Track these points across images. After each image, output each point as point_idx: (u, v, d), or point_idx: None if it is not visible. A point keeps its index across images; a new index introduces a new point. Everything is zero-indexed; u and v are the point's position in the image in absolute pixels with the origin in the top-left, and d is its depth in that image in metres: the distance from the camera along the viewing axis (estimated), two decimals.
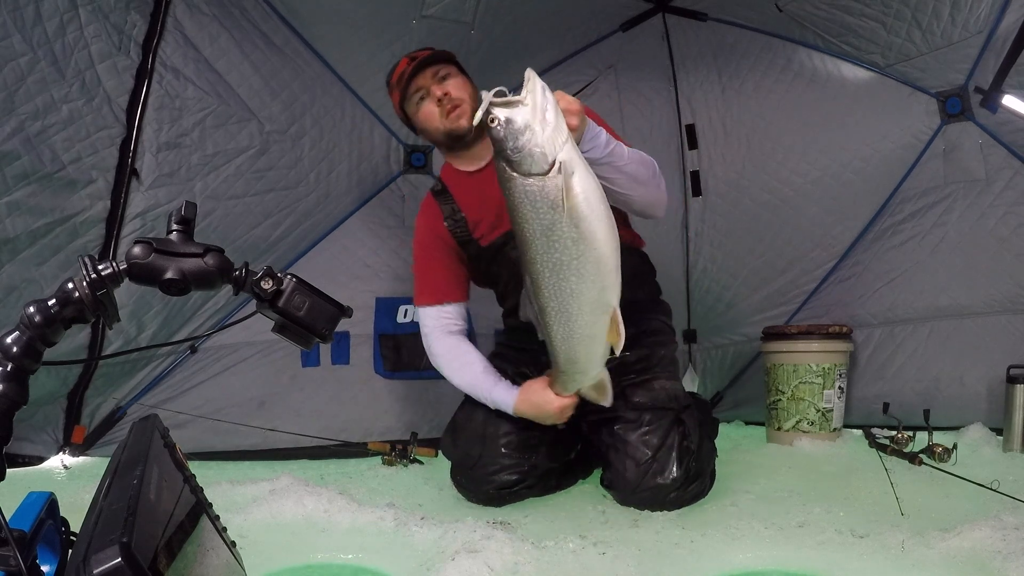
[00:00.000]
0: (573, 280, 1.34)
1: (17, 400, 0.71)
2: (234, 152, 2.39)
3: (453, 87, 1.81)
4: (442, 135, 1.84)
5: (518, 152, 1.23)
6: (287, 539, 1.54)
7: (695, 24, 2.91)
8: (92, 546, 0.51)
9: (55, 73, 1.91)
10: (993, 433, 2.37)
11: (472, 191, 1.88)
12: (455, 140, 1.85)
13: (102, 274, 0.76)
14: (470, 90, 1.83)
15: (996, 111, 2.44)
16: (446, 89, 1.80)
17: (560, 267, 1.32)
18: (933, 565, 1.29)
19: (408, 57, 1.86)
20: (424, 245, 1.97)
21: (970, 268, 2.60)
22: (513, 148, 1.24)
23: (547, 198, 1.25)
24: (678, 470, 1.71)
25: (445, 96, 1.79)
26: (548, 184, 1.24)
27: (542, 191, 1.25)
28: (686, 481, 1.72)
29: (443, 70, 1.83)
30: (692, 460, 1.74)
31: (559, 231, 1.28)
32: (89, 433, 2.43)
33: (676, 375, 1.93)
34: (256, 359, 2.62)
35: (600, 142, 1.48)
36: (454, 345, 1.93)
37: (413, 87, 1.82)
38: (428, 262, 1.96)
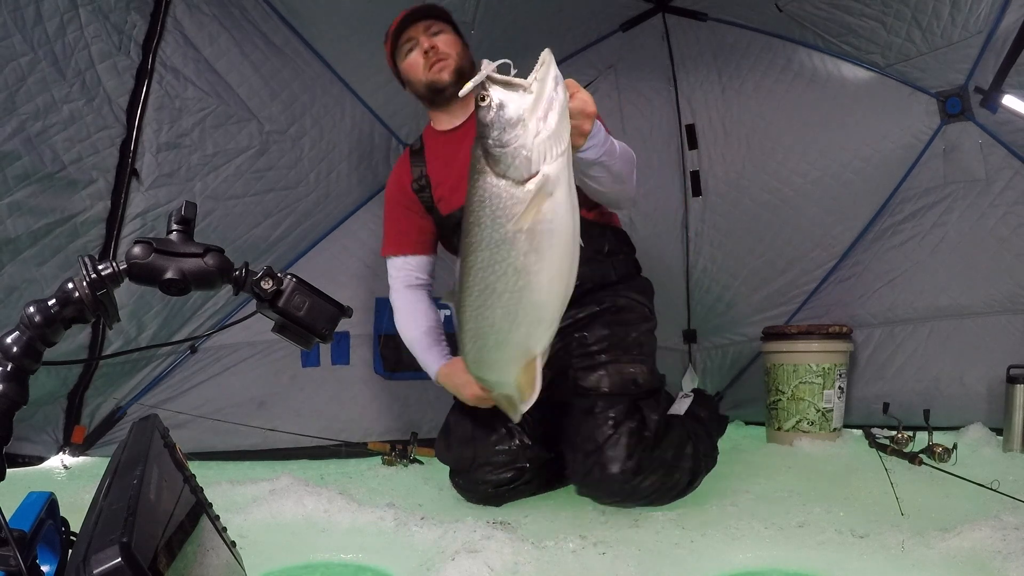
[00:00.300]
0: (499, 314, 1.13)
1: (17, 400, 0.71)
2: (234, 152, 2.39)
3: (442, 42, 1.82)
4: (423, 87, 1.84)
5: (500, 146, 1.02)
6: (287, 539, 1.54)
7: (695, 24, 2.91)
8: (92, 546, 0.51)
9: (55, 73, 1.91)
10: (993, 433, 2.37)
11: (441, 150, 1.88)
12: (435, 93, 1.84)
13: (102, 274, 0.76)
14: (459, 49, 1.84)
15: (996, 111, 2.44)
16: (435, 43, 1.81)
17: (491, 293, 1.10)
18: (933, 565, 1.29)
19: (404, 12, 1.87)
20: (393, 199, 2.00)
21: (970, 268, 2.60)
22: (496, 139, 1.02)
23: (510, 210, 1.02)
24: (626, 461, 1.60)
25: (432, 49, 1.80)
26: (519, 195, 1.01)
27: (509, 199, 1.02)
28: (637, 473, 1.61)
29: (436, 26, 1.84)
30: (645, 450, 1.62)
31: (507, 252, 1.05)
32: (89, 433, 2.43)
33: (643, 357, 1.78)
34: (256, 359, 2.62)
35: (599, 140, 1.36)
36: (411, 299, 1.97)
37: (404, 38, 1.84)
38: (396, 214, 1.99)
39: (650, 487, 1.66)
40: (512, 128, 1.01)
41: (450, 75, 1.80)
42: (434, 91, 1.84)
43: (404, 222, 1.98)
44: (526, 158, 1.01)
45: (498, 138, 1.02)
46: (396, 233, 2.00)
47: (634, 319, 1.85)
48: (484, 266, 1.08)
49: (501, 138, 1.02)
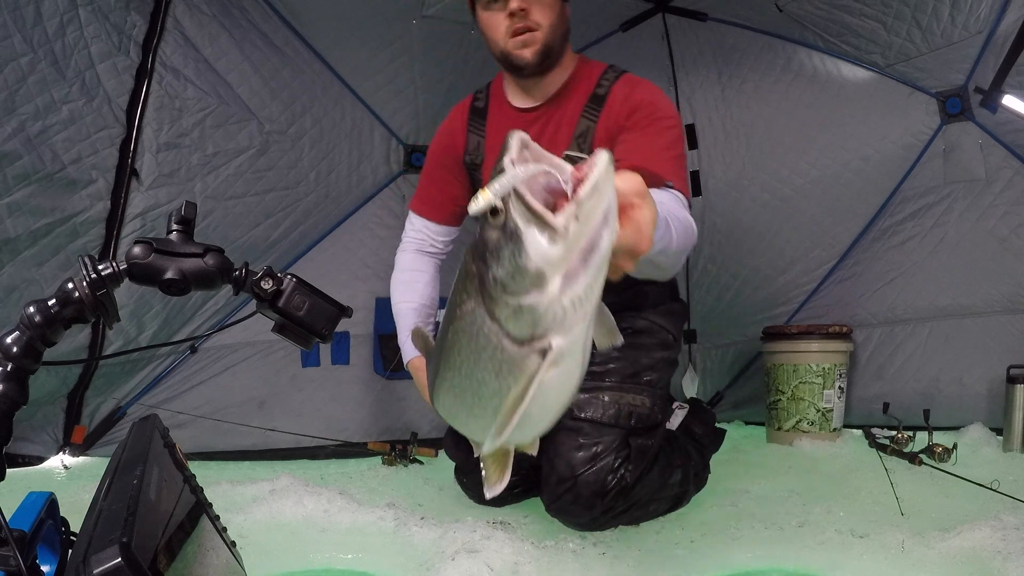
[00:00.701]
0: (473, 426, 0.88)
1: (17, 400, 0.71)
2: (234, 152, 2.39)
3: (537, 5, 1.49)
4: (499, 54, 1.58)
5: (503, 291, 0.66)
6: (287, 539, 1.54)
7: (695, 24, 2.91)
8: (92, 546, 0.51)
9: (55, 73, 1.91)
10: (993, 433, 2.37)
11: (507, 124, 1.63)
12: (511, 68, 1.59)
13: (102, 274, 0.76)
14: (554, 16, 1.51)
15: (996, 111, 2.44)
16: (526, 4, 1.47)
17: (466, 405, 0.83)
18: (933, 565, 1.29)
19: None
20: (438, 161, 1.82)
21: (970, 268, 2.60)
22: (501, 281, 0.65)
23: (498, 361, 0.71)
24: (597, 498, 1.51)
25: (521, 12, 1.48)
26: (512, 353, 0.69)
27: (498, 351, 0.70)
28: (606, 512, 1.54)
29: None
30: (620, 493, 1.53)
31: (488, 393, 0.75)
32: (89, 433, 2.43)
33: (650, 388, 1.65)
34: (256, 359, 2.62)
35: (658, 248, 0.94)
36: (416, 267, 1.85)
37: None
38: (436, 175, 1.83)
39: (621, 521, 1.59)
40: (524, 278, 0.64)
41: (533, 55, 1.53)
42: (510, 66, 1.58)
43: (443, 188, 1.81)
44: (533, 322, 0.66)
45: (503, 280, 0.65)
46: (429, 195, 1.84)
47: (651, 344, 1.72)
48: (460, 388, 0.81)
49: (507, 283, 0.65)
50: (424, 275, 1.85)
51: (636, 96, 1.55)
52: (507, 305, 0.67)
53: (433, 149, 1.86)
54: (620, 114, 1.54)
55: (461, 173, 1.80)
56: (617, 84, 1.59)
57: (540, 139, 1.33)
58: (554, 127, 1.64)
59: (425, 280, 1.85)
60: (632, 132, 1.50)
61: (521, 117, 1.66)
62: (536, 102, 1.66)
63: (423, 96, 2.74)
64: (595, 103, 1.58)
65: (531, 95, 1.66)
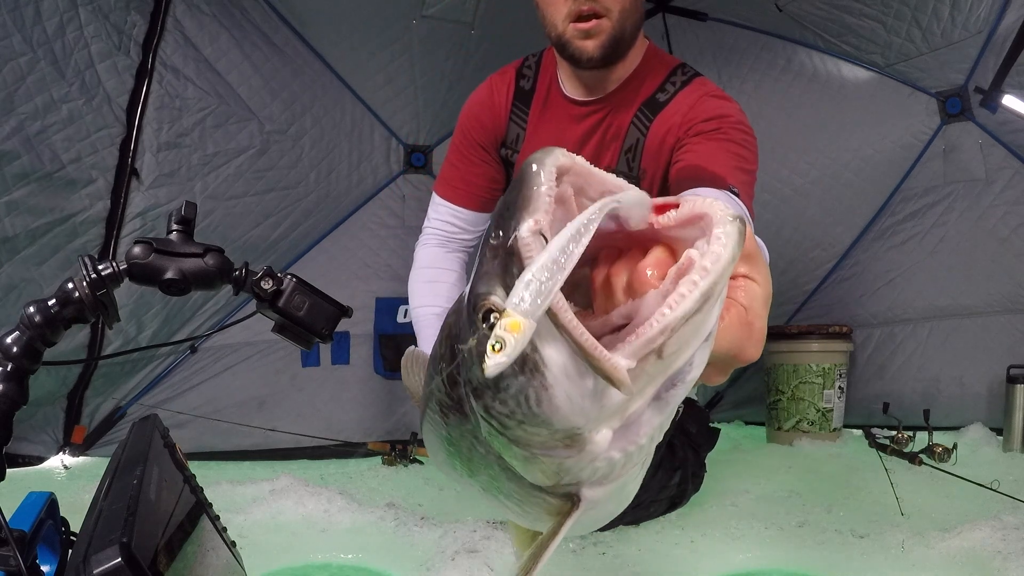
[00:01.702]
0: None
1: (17, 400, 0.71)
2: (234, 152, 2.39)
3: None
4: (556, 38, 1.30)
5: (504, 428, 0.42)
6: (287, 539, 1.54)
7: (695, 24, 2.90)
8: (92, 546, 0.51)
9: (55, 73, 1.91)
10: (993, 433, 2.37)
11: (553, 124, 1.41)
12: (566, 57, 1.32)
13: (102, 274, 0.76)
14: (627, 1, 1.24)
15: (996, 111, 2.44)
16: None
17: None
18: (933, 565, 1.29)
19: None
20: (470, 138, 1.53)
21: (970, 268, 2.60)
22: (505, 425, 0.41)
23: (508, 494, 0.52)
24: None
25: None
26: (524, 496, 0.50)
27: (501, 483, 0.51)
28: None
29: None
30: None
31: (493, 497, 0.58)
32: (89, 433, 2.42)
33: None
34: (256, 359, 2.62)
35: None
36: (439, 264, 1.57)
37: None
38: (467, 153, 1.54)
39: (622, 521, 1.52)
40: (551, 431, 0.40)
41: (597, 49, 1.26)
42: (567, 55, 1.31)
43: (475, 168, 1.53)
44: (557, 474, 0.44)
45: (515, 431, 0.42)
46: (459, 175, 1.55)
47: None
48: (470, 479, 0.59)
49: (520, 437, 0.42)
50: (449, 274, 1.57)
51: (705, 105, 1.32)
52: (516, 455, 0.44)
53: (466, 123, 1.54)
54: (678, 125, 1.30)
55: (495, 159, 1.54)
56: (684, 91, 1.35)
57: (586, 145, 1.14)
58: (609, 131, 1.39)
59: (451, 280, 1.56)
60: (699, 139, 1.27)
61: (572, 111, 1.41)
62: (588, 97, 1.40)
63: (423, 96, 2.74)
64: (650, 110, 1.34)
65: (587, 87, 1.39)
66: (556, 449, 0.40)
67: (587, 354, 0.34)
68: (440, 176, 1.59)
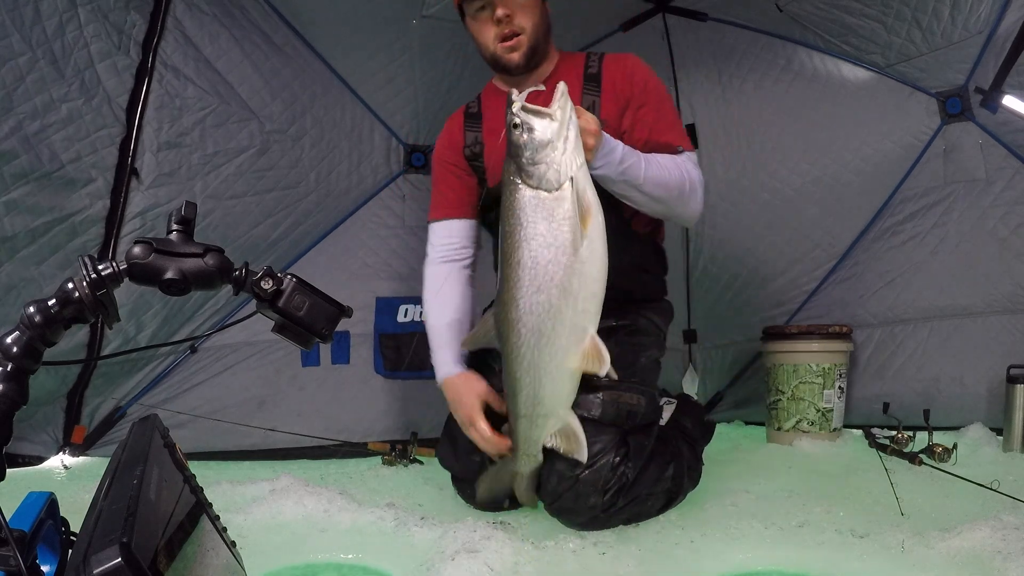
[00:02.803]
0: (556, 293, 1.27)
1: (17, 400, 0.71)
2: (234, 151, 2.39)
3: (520, 12, 1.62)
4: (489, 58, 1.72)
5: (533, 164, 1.24)
6: (287, 539, 1.54)
7: (695, 24, 2.90)
8: (92, 546, 0.51)
9: (54, 72, 1.91)
10: (993, 433, 2.37)
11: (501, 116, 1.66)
12: (500, 69, 1.74)
13: (102, 274, 0.76)
14: (536, 18, 1.66)
15: (996, 111, 2.44)
16: (510, 10, 1.61)
17: (545, 282, 1.26)
18: (933, 565, 1.29)
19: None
20: (441, 160, 1.88)
21: (970, 268, 2.60)
22: (529, 159, 1.24)
23: (552, 213, 1.24)
24: (598, 497, 1.53)
25: (506, 18, 1.61)
26: (557, 201, 1.24)
27: (550, 206, 1.24)
28: (608, 509, 1.54)
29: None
30: (622, 488, 1.55)
31: (555, 246, 1.25)
32: (89, 433, 2.43)
33: (644, 388, 1.69)
34: (256, 359, 2.62)
35: (613, 159, 1.44)
36: (443, 278, 1.83)
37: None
38: (443, 174, 1.87)
39: (620, 518, 1.59)
40: (543, 148, 1.23)
41: (520, 57, 1.66)
42: (500, 67, 1.72)
43: (452, 182, 1.84)
44: (556, 171, 1.24)
45: (531, 158, 1.24)
46: (440, 195, 1.86)
47: (647, 344, 1.78)
48: (534, 256, 1.26)
49: (535, 157, 1.24)
50: (455, 286, 1.82)
51: (636, 73, 1.73)
52: (537, 170, 1.21)
53: (436, 156, 1.91)
54: (625, 88, 1.71)
55: (466, 169, 1.85)
56: (605, 63, 1.75)
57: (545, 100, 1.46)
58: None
59: (457, 292, 1.81)
60: (646, 108, 1.70)
61: None
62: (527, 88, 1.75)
63: (423, 96, 2.74)
64: (592, 81, 1.73)
65: (520, 84, 1.69)
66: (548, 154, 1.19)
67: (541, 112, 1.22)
68: (430, 208, 1.90)
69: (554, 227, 1.24)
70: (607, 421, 1.59)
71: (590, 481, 1.54)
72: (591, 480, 1.54)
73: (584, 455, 1.49)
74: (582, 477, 1.54)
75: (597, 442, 1.56)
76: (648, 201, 1.57)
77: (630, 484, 1.56)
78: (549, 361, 1.33)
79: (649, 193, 1.54)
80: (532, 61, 1.70)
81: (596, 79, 1.73)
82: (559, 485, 1.56)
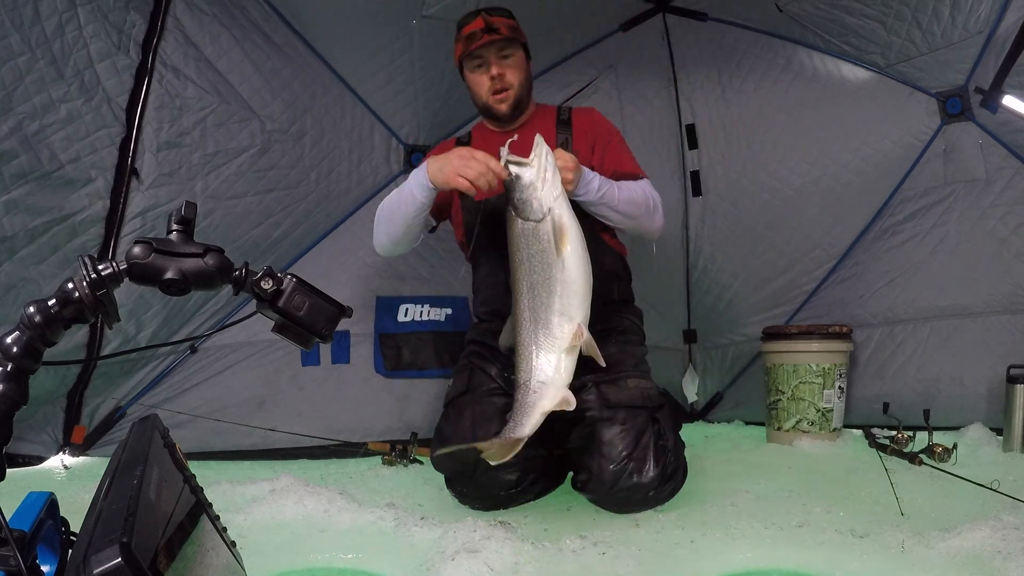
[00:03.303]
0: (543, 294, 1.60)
1: (17, 400, 0.71)
2: (235, 151, 2.39)
3: (510, 71, 1.97)
4: (482, 106, 2.05)
5: (522, 202, 1.58)
6: (287, 539, 1.54)
7: (695, 24, 2.91)
8: (92, 546, 0.51)
9: (54, 73, 1.91)
10: (993, 433, 2.37)
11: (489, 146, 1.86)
12: (490, 116, 2.07)
13: (102, 274, 0.76)
14: (522, 76, 2.01)
15: (996, 111, 2.44)
16: (503, 70, 1.96)
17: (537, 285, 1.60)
18: (933, 565, 1.29)
19: (484, 17, 1.93)
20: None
21: (970, 268, 2.60)
22: (519, 198, 1.58)
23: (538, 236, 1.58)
24: (655, 469, 1.71)
25: (499, 76, 1.96)
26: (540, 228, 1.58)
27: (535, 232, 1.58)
28: (662, 479, 1.72)
29: (508, 49, 1.96)
30: (669, 458, 1.76)
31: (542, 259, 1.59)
32: (89, 433, 2.43)
33: (648, 375, 1.94)
34: (256, 359, 2.62)
35: (592, 188, 1.77)
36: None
37: (476, 53, 1.96)
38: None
39: (667, 491, 1.76)
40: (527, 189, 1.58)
41: (508, 108, 2.01)
42: (490, 115, 2.06)
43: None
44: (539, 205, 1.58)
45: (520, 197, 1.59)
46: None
47: (637, 341, 2.05)
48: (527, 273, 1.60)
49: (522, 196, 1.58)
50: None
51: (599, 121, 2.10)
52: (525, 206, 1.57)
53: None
54: (591, 131, 2.06)
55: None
56: (573, 113, 2.11)
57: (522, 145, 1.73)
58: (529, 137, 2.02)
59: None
60: (612, 144, 2.05)
61: (500, 135, 2.04)
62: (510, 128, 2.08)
63: (423, 96, 2.74)
64: (563, 125, 2.08)
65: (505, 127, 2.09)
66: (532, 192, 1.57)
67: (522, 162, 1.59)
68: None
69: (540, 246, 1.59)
70: (637, 404, 1.80)
71: (644, 457, 1.71)
72: (645, 456, 1.72)
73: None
74: (635, 455, 1.71)
75: (638, 423, 1.76)
76: (622, 219, 1.89)
77: (671, 452, 1.78)
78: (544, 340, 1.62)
79: (623, 212, 1.86)
80: (516, 111, 2.03)
81: (567, 124, 2.07)
82: (613, 470, 1.70)
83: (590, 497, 1.78)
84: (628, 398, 1.80)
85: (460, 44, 1.99)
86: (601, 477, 1.71)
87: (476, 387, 1.93)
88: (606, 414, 1.77)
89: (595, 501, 1.77)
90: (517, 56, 1.99)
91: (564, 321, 1.59)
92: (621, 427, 1.74)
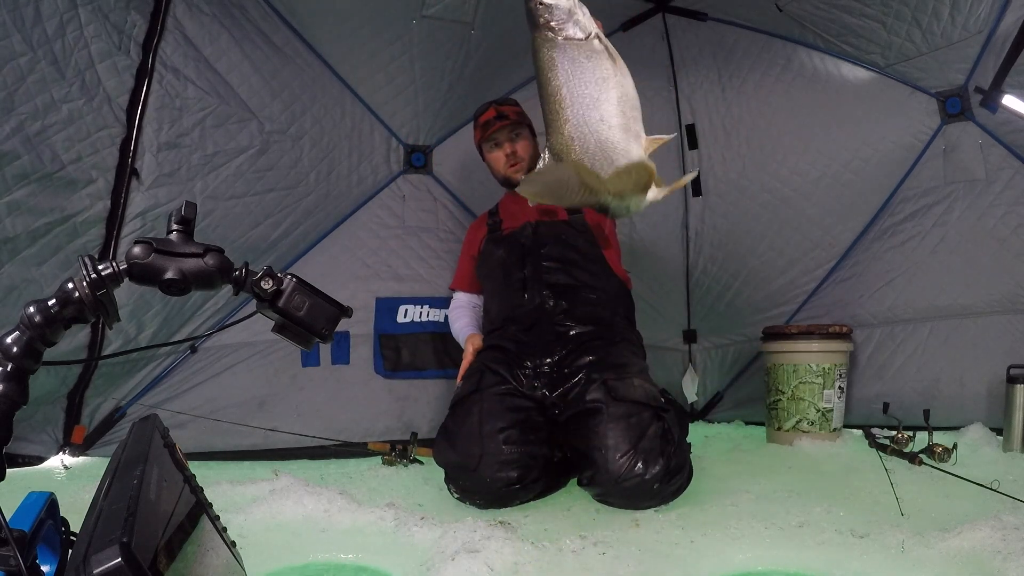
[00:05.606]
0: (595, 116, 1.46)
1: (17, 400, 0.71)
2: (234, 152, 2.39)
3: (521, 147, 2.33)
4: (500, 177, 2.38)
5: (562, 24, 1.41)
6: (287, 539, 1.54)
7: (695, 24, 2.91)
8: (92, 546, 0.51)
9: (55, 73, 1.91)
10: (993, 433, 2.37)
11: (513, 206, 2.38)
12: (508, 185, 2.37)
13: (102, 274, 0.76)
14: (531, 150, 2.35)
15: (996, 111, 2.44)
16: (515, 148, 2.33)
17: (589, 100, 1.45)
18: (933, 565, 1.29)
19: (495, 108, 2.33)
20: (468, 242, 2.51)
21: (970, 268, 2.60)
22: (558, 23, 1.41)
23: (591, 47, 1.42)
24: (660, 463, 1.72)
25: (513, 153, 2.32)
26: (589, 43, 1.43)
27: (581, 46, 1.42)
28: (668, 474, 1.73)
29: (517, 129, 2.33)
30: (674, 453, 1.78)
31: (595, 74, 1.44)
32: (89, 433, 2.43)
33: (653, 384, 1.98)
34: (256, 359, 2.62)
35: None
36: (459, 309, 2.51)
37: (492, 136, 2.33)
38: (466, 254, 2.51)
39: (673, 488, 1.78)
40: (565, 14, 1.41)
41: (522, 175, 2.26)
42: (508, 184, 2.36)
43: (469, 263, 2.47)
44: (584, 27, 1.42)
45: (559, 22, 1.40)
46: (465, 274, 2.49)
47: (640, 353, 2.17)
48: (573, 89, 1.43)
49: (560, 22, 1.41)
50: (466, 311, 2.49)
51: None
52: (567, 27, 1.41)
53: (466, 238, 2.54)
54: None
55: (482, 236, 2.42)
56: None
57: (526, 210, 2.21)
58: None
59: (464, 312, 2.49)
60: None
61: (517, 200, 2.31)
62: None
63: (423, 96, 2.74)
64: None
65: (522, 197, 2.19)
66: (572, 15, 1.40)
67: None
68: (454, 278, 2.55)
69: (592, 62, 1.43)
70: (643, 401, 1.84)
71: (648, 450, 1.73)
72: (651, 451, 1.73)
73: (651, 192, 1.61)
74: (640, 449, 1.72)
75: (642, 417, 1.79)
76: None
77: (676, 447, 1.80)
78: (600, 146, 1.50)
79: None
80: None
81: None
82: (619, 463, 1.71)
83: (596, 491, 1.79)
84: (634, 395, 1.84)
85: (478, 131, 2.37)
86: (608, 471, 1.72)
87: (486, 387, 1.98)
88: (613, 407, 1.80)
89: (601, 495, 1.78)
90: (525, 135, 2.34)
91: (631, 138, 1.52)
92: (627, 421, 1.77)
